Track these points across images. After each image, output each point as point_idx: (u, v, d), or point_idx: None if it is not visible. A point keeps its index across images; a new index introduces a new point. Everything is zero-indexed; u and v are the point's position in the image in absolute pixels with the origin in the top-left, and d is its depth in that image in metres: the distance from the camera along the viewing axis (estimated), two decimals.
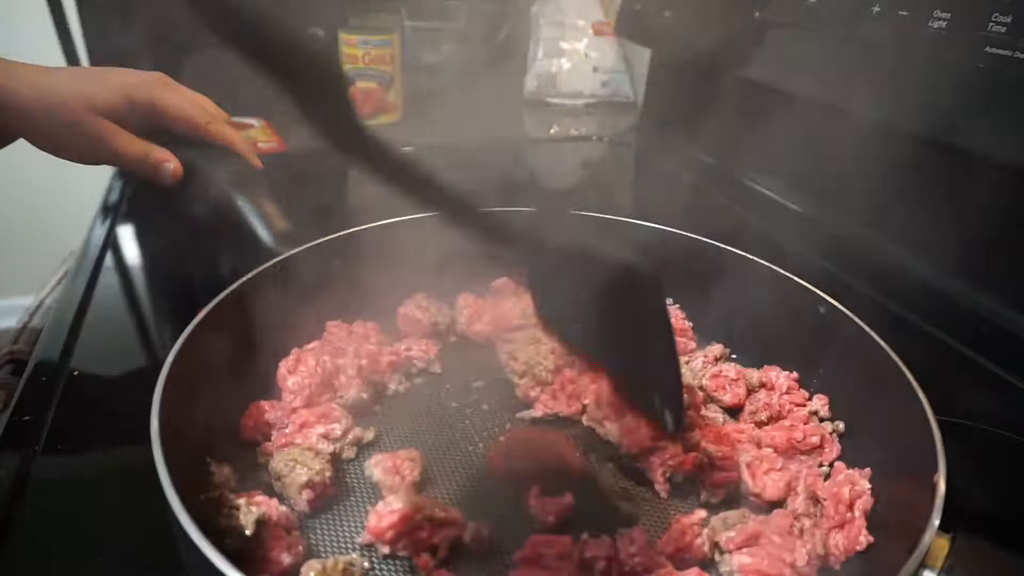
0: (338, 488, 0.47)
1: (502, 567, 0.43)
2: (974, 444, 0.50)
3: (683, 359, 0.60)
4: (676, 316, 0.65)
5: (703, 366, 0.59)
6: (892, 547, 0.40)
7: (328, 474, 0.45)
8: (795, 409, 0.55)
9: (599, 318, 0.45)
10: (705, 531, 0.44)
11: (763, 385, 0.57)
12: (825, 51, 0.78)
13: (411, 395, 0.58)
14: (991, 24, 0.60)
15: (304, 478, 0.44)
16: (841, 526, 0.43)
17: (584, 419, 0.55)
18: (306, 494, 0.44)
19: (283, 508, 0.43)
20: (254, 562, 0.39)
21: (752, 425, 0.54)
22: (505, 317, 0.63)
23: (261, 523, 0.39)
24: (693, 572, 0.41)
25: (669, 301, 0.67)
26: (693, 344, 0.64)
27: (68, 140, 0.57)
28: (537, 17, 1.40)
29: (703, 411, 0.54)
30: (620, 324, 0.44)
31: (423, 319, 0.62)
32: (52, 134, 0.56)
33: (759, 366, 0.59)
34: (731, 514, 0.45)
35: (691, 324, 0.65)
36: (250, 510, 0.39)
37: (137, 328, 0.68)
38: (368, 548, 0.43)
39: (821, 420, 0.54)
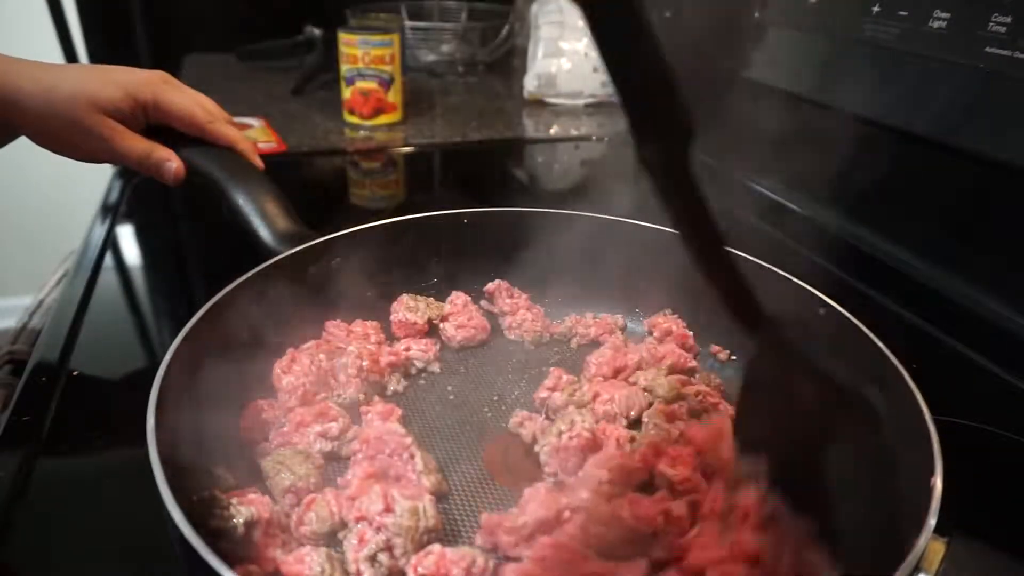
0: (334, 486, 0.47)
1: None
2: (972, 445, 0.50)
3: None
4: (676, 323, 0.64)
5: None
6: (888, 550, 0.40)
7: (312, 480, 0.45)
8: None
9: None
10: None
11: None
12: (825, 51, 0.78)
13: (410, 395, 0.58)
14: (991, 24, 0.60)
15: (286, 482, 0.44)
16: None
17: None
18: (288, 498, 0.44)
19: (277, 507, 0.43)
20: (248, 560, 0.39)
21: None
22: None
23: (252, 522, 0.39)
24: None
25: (668, 311, 0.65)
26: (692, 348, 0.63)
27: (71, 138, 0.57)
28: (537, 17, 1.40)
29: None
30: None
31: (417, 320, 0.62)
32: (55, 132, 0.56)
33: None
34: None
35: (692, 334, 0.63)
36: (239, 510, 0.39)
37: (136, 328, 0.68)
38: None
39: None
